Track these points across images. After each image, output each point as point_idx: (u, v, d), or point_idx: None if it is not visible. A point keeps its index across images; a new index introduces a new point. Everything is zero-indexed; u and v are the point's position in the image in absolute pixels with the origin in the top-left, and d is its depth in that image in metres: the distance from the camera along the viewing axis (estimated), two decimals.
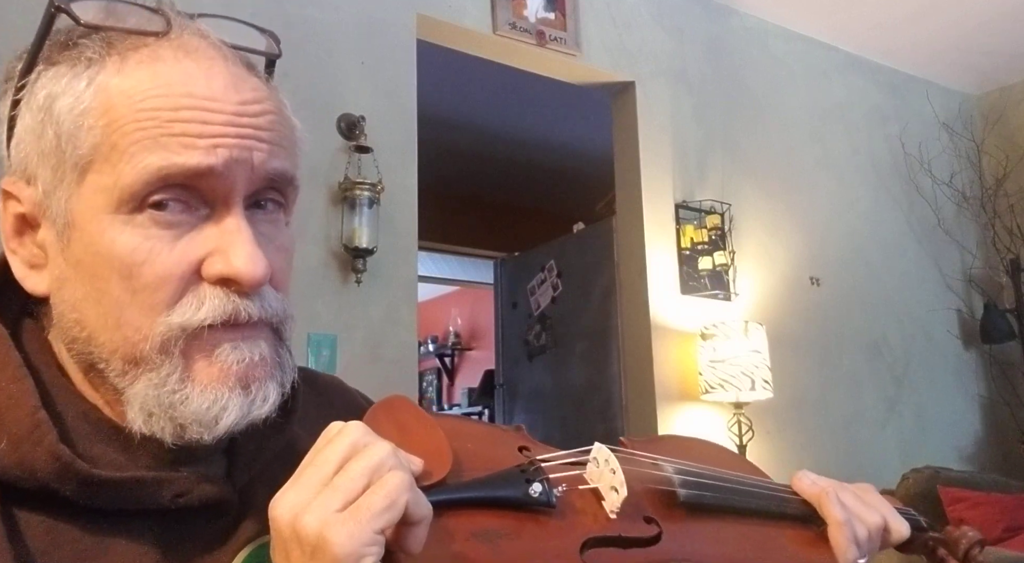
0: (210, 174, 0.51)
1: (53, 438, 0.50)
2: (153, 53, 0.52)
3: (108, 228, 0.51)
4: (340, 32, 2.54)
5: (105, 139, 0.50)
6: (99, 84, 0.51)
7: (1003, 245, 4.07)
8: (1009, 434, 4.01)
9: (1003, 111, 4.27)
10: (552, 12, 3.01)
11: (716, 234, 3.18)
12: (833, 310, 3.55)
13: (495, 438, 0.62)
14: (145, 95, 0.51)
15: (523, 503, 0.54)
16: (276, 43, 0.60)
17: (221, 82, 0.53)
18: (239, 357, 0.53)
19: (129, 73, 0.52)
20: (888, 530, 0.68)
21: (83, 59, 0.52)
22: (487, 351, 6.30)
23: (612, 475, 0.58)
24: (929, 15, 3.64)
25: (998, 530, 3.02)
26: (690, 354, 3.06)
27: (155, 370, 0.51)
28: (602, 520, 0.57)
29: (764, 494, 0.67)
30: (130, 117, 0.50)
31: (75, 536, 0.51)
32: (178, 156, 0.50)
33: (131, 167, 0.50)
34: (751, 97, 3.58)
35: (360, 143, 2.45)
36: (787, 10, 3.63)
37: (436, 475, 0.51)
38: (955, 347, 4.02)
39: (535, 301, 4.09)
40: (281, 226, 0.58)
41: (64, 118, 0.52)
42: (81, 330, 0.53)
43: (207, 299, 0.52)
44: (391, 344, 2.46)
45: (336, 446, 0.47)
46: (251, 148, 0.53)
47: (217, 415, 0.51)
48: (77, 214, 0.52)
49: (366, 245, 2.38)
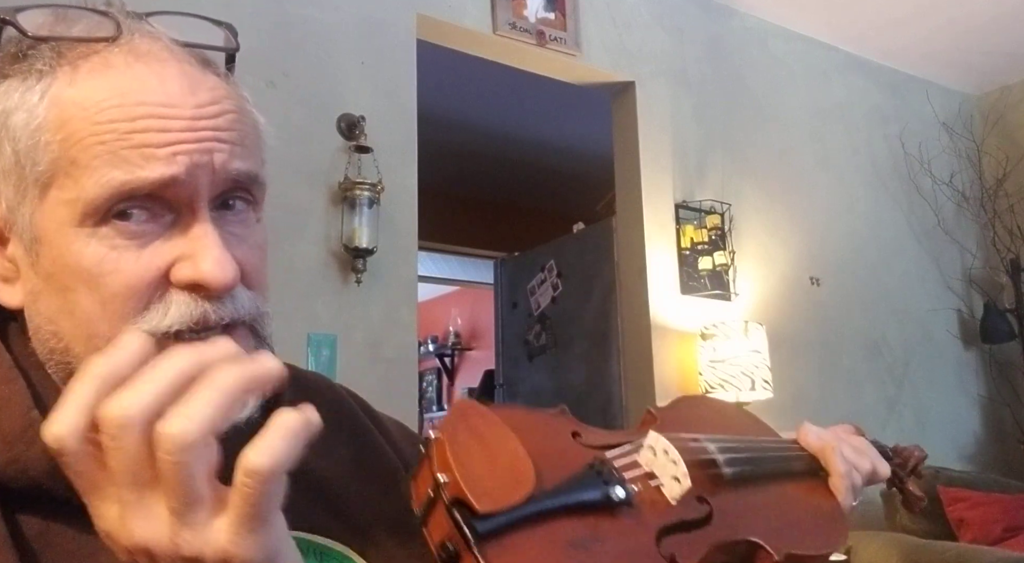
0: (173, 183, 0.50)
1: None
2: (104, 60, 0.51)
3: (74, 241, 0.51)
4: (340, 32, 2.54)
5: (63, 153, 0.50)
6: (52, 97, 0.51)
7: (1003, 245, 4.07)
8: (1009, 434, 4.01)
9: (1003, 111, 4.27)
10: (552, 12, 3.01)
11: (716, 234, 3.18)
12: (833, 310, 3.55)
13: (552, 429, 0.62)
14: (100, 107, 0.50)
15: (605, 505, 0.55)
16: (234, 36, 0.58)
17: (176, 86, 0.52)
18: None
19: (81, 83, 0.51)
20: (875, 473, 0.77)
21: (34, 71, 0.51)
22: (487, 351, 6.29)
23: (673, 465, 0.60)
24: (929, 15, 3.64)
25: (998, 530, 3.02)
26: (690, 354, 3.06)
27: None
28: (662, 507, 0.59)
29: (782, 456, 0.74)
30: (87, 130, 0.50)
31: (67, 536, 0.51)
32: (140, 169, 0.49)
33: (93, 182, 0.49)
34: (751, 97, 3.58)
35: (360, 143, 2.46)
36: (787, 10, 3.63)
37: (526, 488, 0.51)
38: (955, 347, 4.02)
39: (535, 301, 4.09)
40: (252, 224, 0.57)
41: (20, 134, 0.51)
42: (58, 341, 0.53)
43: (173, 304, 0.51)
44: (391, 344, 2.46)
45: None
46: (211, 150, 0.52)
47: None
48: (42, 229, 0.52)
49: (366, 245, 2.38)
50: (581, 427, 0.63)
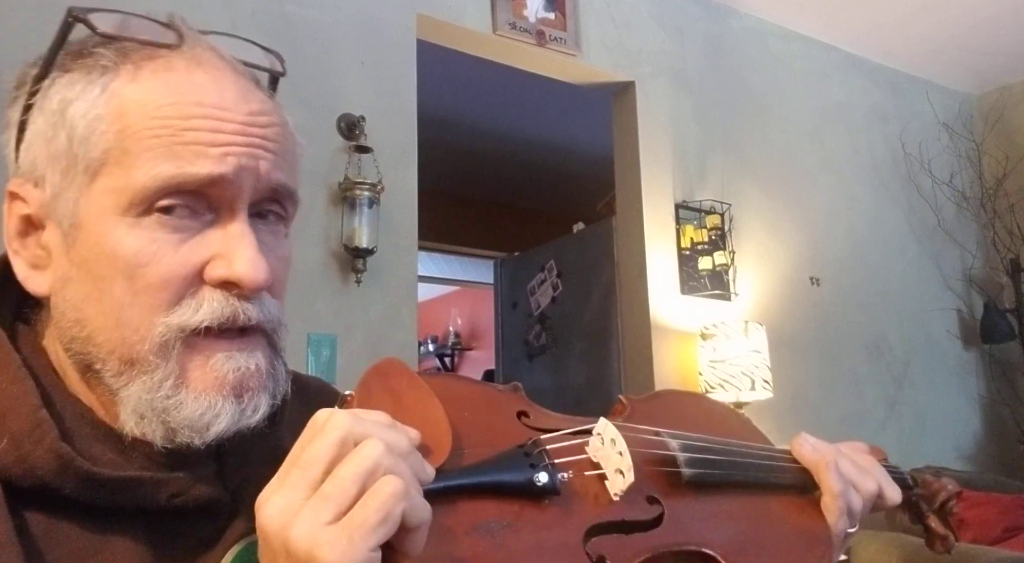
0: (220, 182, 0.53)
1: (54, 437, 0.51)
2: (166, 63, 0.54)
3: (115, 229, 0.52)
4: (340, 32, 2.54)
5: (118, 143, 0.52)
6: (112, 91, 0.53)
7: (1003, 245, 4.07)
8: (1009, 434, 4.01)
9: (1003, 111, 4.27)
10: (552, 12, 3.01)
11: (716, 234, 3.18)
12: (833, 310, 3.55)
13: (493, 403, 0.58)
14: (158, 103, 0.52)
15: (527, 491, 0.50)
16: (280, 62, 0.62)
17: (231, 92, 0.55)
18: (234, 366, 0.54)
19: (143, 82, 0.53)
20: (882, 496, 0.69)
21: (98, 67, 0.54)
22: (487, 351, 6.30)
23: (619, 457, 0.55)
24: (929, 15, 3.64)
25: (998, 530, 3.02)
26: (690, 354, 3.06)
27: (150, 373, 0.52)
28: (604, 503, 0.54)
29: (764, 465, 0.65)
30: (143, 124, 0.52)
31: (72, 535, 0.51)
32: (191, 165, 0.52)
33: (143, 173, 0.51)
34: (751, 97, 3.58)
35: (360, 143, 2.45)
36: (787, 10, 3.63)
37: (435, 460, 0.48)
38: (955, 347, 4.02)
39: (535, 301, 4.09)
40: (281, 237, 0.59)
41: (77, 122, 0.53)
42: (81, 329, 0.54)
43: (206, 301, 0.53)
44: (391, 344, 2.45)
45: (324, 442, 0.43)
46: (258, 157, 0.54)
47: (209, 422, 0.53)
48: (85, 215, 0.53)
49: (366, 245, 2.38)
50: (532, 408, 0.58)
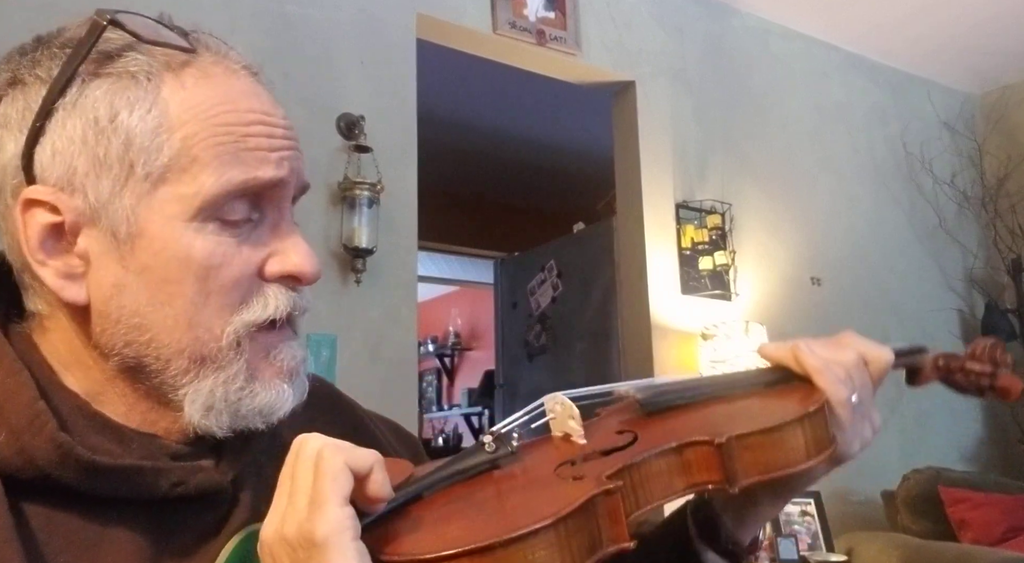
0: (280, 184, 0.57)
1: (53, 426, 0.51)
2: (202, 70, 0.56)
3: (183, 234, 0.54)
4: (340, 32, 2.54)
5: (185, 151, 0.53)
6: (166, 98, 0.54)
7: (1004, 245, 4.06)
8: (1010, 434, 4.00)
9: (1004, 111, 4.26)
10: (552, 12, 3.01)
11: (716, 234, 3.18)
12: (834, 310, 3.54)
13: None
14: (215, 110, 0.54)
15: (485, 462, 0.56)
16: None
17: (266, 97, 0.58)
18: (291, 355, 0.59)
19: (192, 88, 0.55)
20: (867, 360, 0.70)
21: (141, 73, 0.54)
22: (487, 351, 6.29)
23: (560, 408, 0.61)
24: (930, 14, 3.63)
25: (999, 531, 3.02)
26: (691, 354, 3.05)
27: (223, 369, 0.56)
28: (577, 448, 0.59)
29: (727, 378, 0.68)
30: (207, 132, 0.54)
31: (73, 525, 0.52)
32: (256, 170, 0.55)
33: (214, 179, 0.54)
34: (751, 97, 3.57)
35: (360, 143, 2.45)
36: (787, 9, 3.62)
37: (398, 477, 0.53)
38: (956, 347, 3.99)
39: (535, 301, 4.09)
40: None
41: (134, 130, 0.53)
42: (141, 333, 0.55)
43: (273, 296, 0.57)
44: (391, 344, 2.45)
45: (301, 466, 0.49)
46: (298, 159, 0.59)
47: (278, 407, 0.58)
48: (146, 222, 0.54)
49: (366, 245, 2.38)
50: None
